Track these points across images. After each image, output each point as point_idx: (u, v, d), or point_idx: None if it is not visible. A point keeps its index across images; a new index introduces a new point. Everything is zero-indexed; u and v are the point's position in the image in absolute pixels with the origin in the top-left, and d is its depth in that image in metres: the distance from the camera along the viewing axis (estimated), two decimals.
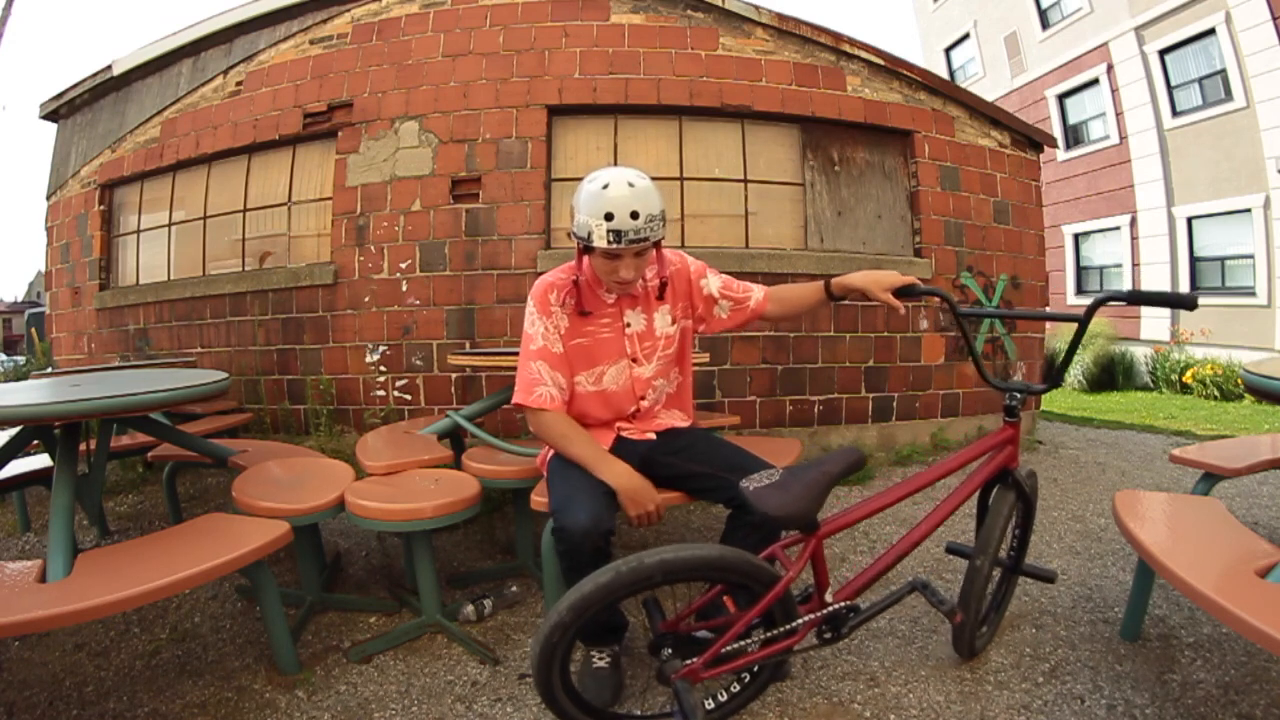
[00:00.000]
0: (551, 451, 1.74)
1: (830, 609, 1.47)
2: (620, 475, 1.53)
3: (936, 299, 1.75)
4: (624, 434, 1.78)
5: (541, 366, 1.65)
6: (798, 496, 1.29)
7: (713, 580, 1.38)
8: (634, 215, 1.48)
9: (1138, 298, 1.43)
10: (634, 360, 1.75)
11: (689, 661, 1.36)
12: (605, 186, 1.50)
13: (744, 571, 1.35)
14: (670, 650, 1.37)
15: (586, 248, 1.56)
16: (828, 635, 1.51)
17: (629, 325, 1.74)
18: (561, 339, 1.68)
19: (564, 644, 1.28)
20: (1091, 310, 1.42)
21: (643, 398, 1.78)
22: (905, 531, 1.65)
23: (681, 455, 1.73)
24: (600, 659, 1.61)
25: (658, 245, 1.64)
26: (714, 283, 1.81)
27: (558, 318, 1.68)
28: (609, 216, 1.48)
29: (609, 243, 1.49)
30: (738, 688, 1.50)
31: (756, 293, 1.83)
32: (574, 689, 1.39)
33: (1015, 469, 1.70)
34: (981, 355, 4.50)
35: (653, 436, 1.79)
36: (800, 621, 1.42)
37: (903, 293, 1.65)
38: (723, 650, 1.36)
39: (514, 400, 1.68)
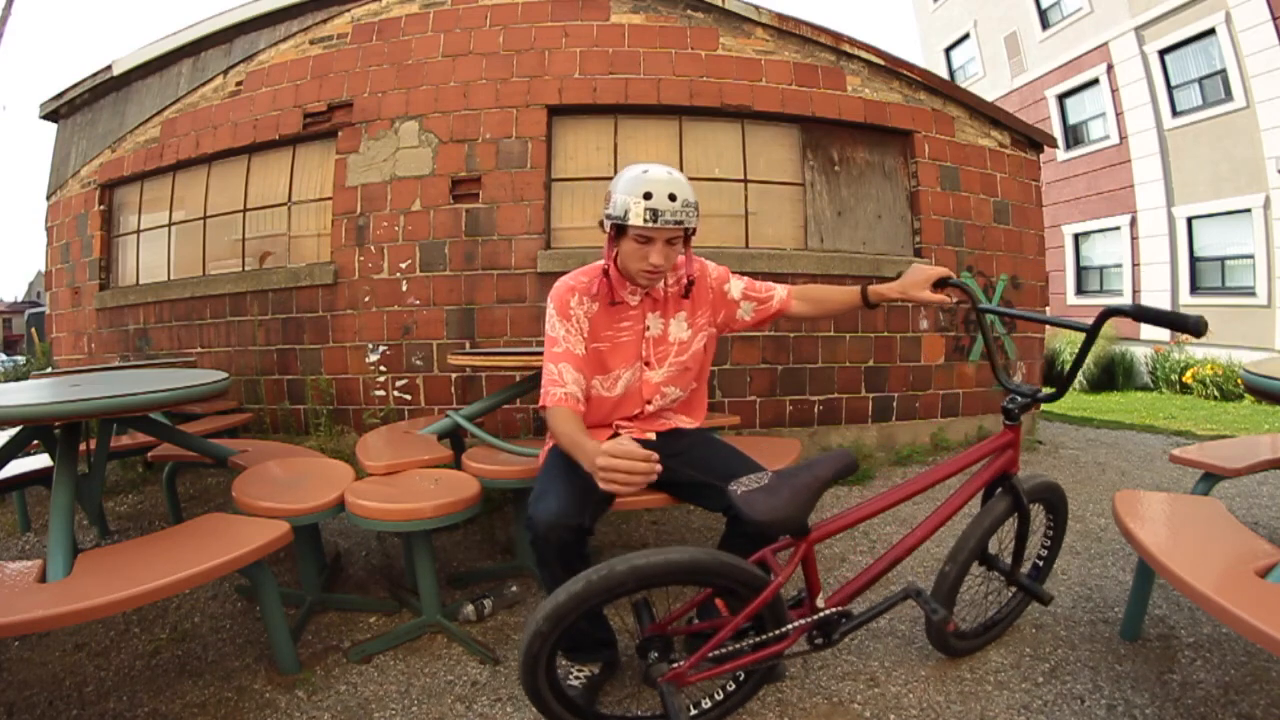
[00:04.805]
0: (548, 449, 1.73)
1: (821, 615, 1.43)
2: (594, 452, 1.36)
3: (959, 292, 1.76)
4: (621, 430, 1.76)
5: (564, 368, 1.63)
6: (786, 501, 1.26)
7: (691, 584, 1.33)
8: (671, 197, 1.51)
9: (1143, 314, 1.36)
10: (646, 363, 1.74)
11: (675, 664, 1.33)
12: (645, 171, 1.55)
13: (725, 575, 1.30)
14: (657, 654, 1.35)
15: (619, 228, 1.57)
16: (818, 641, 1.48)
17: (648, 329, 1.73)
18: (585, 340, 1.68)
19: (545, 653, 1.26)
20: (1100, 321, 1.44)
21: (649, 402, 1.76)
22: (905, 532, 1.64)
23: (678, 459, 1.68)
24: (578, 677, 1.56)
25: (688, 241, 1.65)
26: (737, 286, 1.83)
27: (579, 319, 1.67)
28: (648, 195, 1.51)
29: (645, 221, 1.51)
30: (732, 686, 1.49)
31: (779, 291, 1.85)
32: (564, 693, 1.37)
33: (1015, 474, 1.69)
34: (984, 355, 4.50)
35: (652, 436, 1.77)
36: (790, 627, 1.38)
37: (938, 284, 1.70)
38: (710, 654, 1.33)
39: (539, 404, 1.65)
